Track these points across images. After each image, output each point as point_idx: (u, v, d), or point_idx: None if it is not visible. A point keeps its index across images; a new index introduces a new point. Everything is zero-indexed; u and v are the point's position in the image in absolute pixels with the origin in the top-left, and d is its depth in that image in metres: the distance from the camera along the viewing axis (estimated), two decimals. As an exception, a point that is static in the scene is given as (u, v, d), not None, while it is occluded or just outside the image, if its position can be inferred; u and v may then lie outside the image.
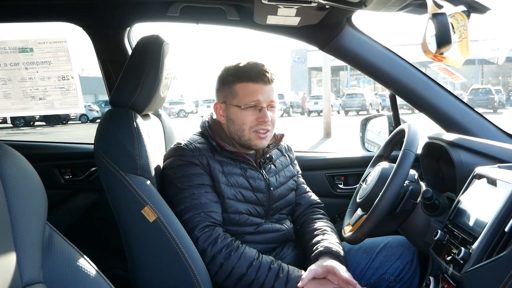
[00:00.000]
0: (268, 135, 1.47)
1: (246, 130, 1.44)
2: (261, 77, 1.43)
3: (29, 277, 0.79)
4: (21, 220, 0.79)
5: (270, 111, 1.45)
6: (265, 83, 1.43)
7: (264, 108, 1.43)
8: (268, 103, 1.44)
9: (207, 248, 1.33)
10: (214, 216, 1.37)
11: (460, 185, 1.28)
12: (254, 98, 1.42)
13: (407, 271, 1.51)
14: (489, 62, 30.99)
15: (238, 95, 1.44)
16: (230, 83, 1.46)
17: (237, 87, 1.44)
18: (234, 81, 1.45)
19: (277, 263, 1.36)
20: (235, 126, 1.46)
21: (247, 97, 1.43)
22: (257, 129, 1.44)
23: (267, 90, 1.44)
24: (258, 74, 1.43)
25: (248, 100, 1.42)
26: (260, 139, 1.45)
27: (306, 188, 1.67)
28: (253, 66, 1.45)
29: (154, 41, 1.44)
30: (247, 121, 1.43)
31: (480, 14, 1.15)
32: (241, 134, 1.45)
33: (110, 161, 1.30)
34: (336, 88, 41.52)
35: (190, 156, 1.41)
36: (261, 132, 1.45)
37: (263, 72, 1.43)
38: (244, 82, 1.43)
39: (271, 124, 1.46)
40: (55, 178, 2.09)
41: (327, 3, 1.33)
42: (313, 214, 1.60)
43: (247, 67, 1.46)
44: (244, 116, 1.43)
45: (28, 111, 1.84)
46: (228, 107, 1.46)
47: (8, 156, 0.81)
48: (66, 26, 1.85)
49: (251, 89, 1.43)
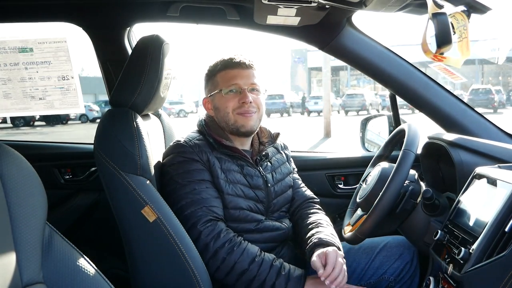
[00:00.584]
0: (254, 116, 1.48)
1: (230, 113, 1.47)
2: (238, 63, 1.48)
3: (29, 277, 0.79)
4: (21, 220, 0.79)
5: (252, 94, 1.48)
6: (242, 68, 1.48)
7: (244, 89, 1.46)
8: (249, 86, 1.47)
9: (210, 243, 1.33)
10: (216, 211, 1.37)
11: (460, 185, 1.28)
12: (233, 81, 1.47)
13: (407, 271, 1.51)
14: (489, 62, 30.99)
15: (219, 83, 1.49)
16: (212, 76, 1.52)
17: (217, 77, 1.50)
18: (215, 73, 1.51)
19: (279, 261, 1.36)
20: (220, 113, 1.49)
21: (227, 82, 1.47)
22: (240, 112, 1.46)
23: (246, 74, 1.48)
24: (235, 61, 1.49)
25: (228, 85, 1.47)
26: (245, 118, 1.47)
27: (300, 183, 1.67)
28: (231, 56, 1.51)
29: (154, 41, 1.44)
30: (229, 104, 1.47)
31: (480, 14, 1.15)
32: (227, 119, 1.47)
33: (110, 161, 1.30)
34: (336, 88, 41.51)
35: (190, 152, 1.42)
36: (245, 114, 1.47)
37: (240, 59, 1.49)
38: (223, 71, 1.49)
39: (255, 106, 1.48)
40: (55, 178, 2.09)
41: (327, 3, 1.33)
42: (308, 209, 1.59)
43: (225, 58, 1.51)
44: (226, 100, 1.47)
45: (28, 111, 1.84)
46: (213, 98, 1.51)
47: (8, 156, 0.81)
48: (66, 26, 1.86)
49: (229, 74, 1.48)
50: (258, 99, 1.49)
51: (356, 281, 1.53)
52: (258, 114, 1.50)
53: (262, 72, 1.60)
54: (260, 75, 1.53)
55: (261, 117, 1.53)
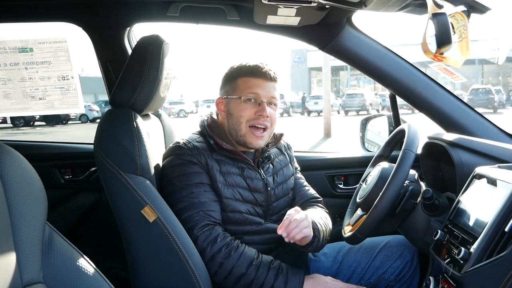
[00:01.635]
0: (265, 135, 1.46)
1: (243, 124, 1.44)
2: (263, 72, 1.45)
3: (29, 277, 0.79)
4: (21, 220, 0.79)
5: (270, 107, 1.45)
6: (266, 79, 1.45)
7: (263, 102, 1.44)
8: (268, 99, 1.45)
9: (207, 248, 1.33)
10: (213, 215, 1.37)
11: (460, 185, 1.28)
12: (253, 90, 1.44)
13: (407, 271, 1.51)
14: (489, 62, 31.00)
15: (239, 88, 1.46)
16: (233, 78, 1.48)
17: (238, 81, 1.47)
18: (236, 77, 1.48)
19: (276, 262, 1.36)
20: (233, 120, 1.46)
21: (247, 90, 1.44)
22: (254, 123, 1.44)
23: (268, 86, 1.45)
24: (260, 70, 1.46)
25: (248, 92, 1.44)
26: (256, 138, 1.45)
27: (303, 183, 1.64)
28: (256, 64, 1.48)
29: (154, 41, 1.44)
30: (244, 114, 1.44)
31: (480, 14, 1.15)
32: (237, 127, 1.45)
33: (110, 161, 1.31)
34: (336, 88, 41.50)
35: (188, 155, 1.41)
36: (258, 128, 1.44)
37: (265, 69, 1.46)
38: (245, 77, 1.46)
39: (269, 121, 1.46)
40: (55, 178, 2.09)
41: (327, 3, 1.33)
42: (309, 207, 1.57)
43: (250, 64, 1.48)
44: (242, 108, 1.44)
45: (28, 111, 1.84)
46: (229, 101, 1.48)
47: (8, 156, 0.81)
48: (66, 26, 1.86)
49: (251, 82, 1.45)
50: (274, 114, 1.47)
51: (356, 280, 1.53)
52: (270, 131, 1.48)
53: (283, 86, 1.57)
54: (281, 90, 1.51)
55: (271, 134, 1.51)
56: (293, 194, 1.60)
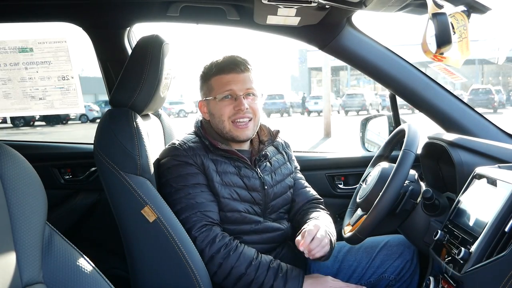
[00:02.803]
0: (249, 125, 1.46)
1: (226, 121, 1.45)
2: (233, 67, 1.45)
3: (29, 277, 0.79)
4: (21, 220, 0.79)
5: (248, 99, 1.45)
6: (238, 72, 1.45)
7: (239, 96, 1.44)
8: (244, 91, 1.45)
9: (205, 248, 1.33)
10: (211, 216, 1.37)
11: (460, 185, 1.28)
12: (227, 87, 1.44)
13: (407, 270, 1.51)
14: (489, 62, 31.01)
15: (214, 89, 1.46)
16: (207, 79, 1.49)
17: (212, 81, 1.47)
18: (210, 77, 1.48)
19: (276, 262, 1.36)
20: (215, 120, 1.47)
21: (221, 88, 1.45)
22: (235, 119, 1.44)
23: (242, 79, 1.45)
24: (230, 65, 1.45)
25: (222, 91, 1.44)
26: (240, 129, 1.45)
27: (303, 183, 1.63)
28: (226, 59, 1.48)
29: (154, 41, 1.44)
30: (224, 112, 1.44)
31: (480, 14, 1.15)
32: (221, 126, 1.46)
33: (110, 161, 1.30)
34: (336, 88, 41.50)
35: (184, 156, 1.41)
36: (240, 122, 1.44)
37: (235, 62, 1.46)
38: (217, 75, 1.46)
39: (251, 112, 1.45)
40: (55, 178, 2.09)
41: (327, 3, 1.33)
42: (310, 209, 1.57)
43: (220, 60, 1.48)
44: (220, 107, 1.45)
45: (28, 111, 1.84)
46: (208, 102, 1.49)
47: (8, 156, 0.81)
48: (66, 26, 1.86)
49: (224, 80, 1.45)
50: (254, 104, 1.47)
51: (357, 280, 1.53)
52: (254, 121, 1.48)
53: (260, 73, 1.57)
54: (257, 77, 1.50)
55: (257, 123, 1.50)
56: (294, 195, 1.60)
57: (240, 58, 1.48)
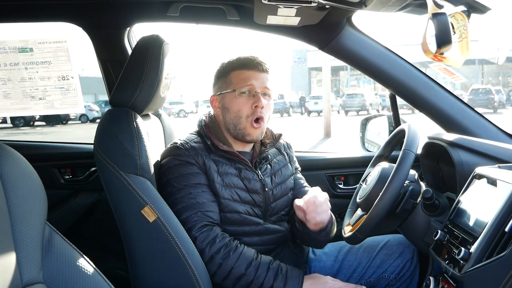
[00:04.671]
0: (262, 126, 1.46)
1: (243, 118, 1.44)
2: (255, 64, 1.45)
3: (29, 277, 0.79)
4: (21, 220, 0.79)
5: (264, 98, 1.45)
6: (259, 70, 1.45)
7: (258, 93, 1.43)
8: (262, 90, 1.45)
9: (205, 248, 1.33)
10: (212, 216, 1.37)
11: (460, 185, 1.28)
12: (247, 82, 1.43)
13: (407, 269, 1.51)
14: (489, 62, 31.01)
15: (233, 82, 1.46)
16: (225, 74, 1.48)
17: (231, 75, 1.46)
18: (229, 71, 1.47)
19: (276, 262, 1.36)
20: (230, 115, 1.46)
21: (241, 83, 1.44)
22: (253, 118, 1.43)
23: (261, 77, 1.45)
24: (252, 62, 1.46)
25: (242, 85, 1.44)
26: (255, 129, 1.44)
27: (303, 183, 1.63)
28: (248, 57, 1.48)
29: (154, 41, 1.44)
30: (243, 109, 1.43)
31: (480, 14, 1.15)
32: (237, 122, 1.45)
33: (110, 161, 1.30)
34: (336, 88, 41.53)
35: (186, 155, 1.41)
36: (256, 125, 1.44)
37: (257, 61, 1.46)
38: (238, 70, 1.46)
39: (265, 111, 1.45)
40: (55, 178, 2.09)
41: (327, 3, 1.33)
42: None
43: (241, 57, 1.48)
44: (238, 103, 1.44)
45: (28, 111, 1.84)
46: (223, 96, 1.47)
47: (8, 156, 0.81)
48: (66, 26, 1.86)
49: (245, 75, 1.45)
50: (268, 105, 1.47)
51: (357, 279, 1.53)
52: (266, 121, 1.48)
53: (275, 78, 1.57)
54: (273, 82, 1.50)
55: (266, 125, 1.50)
56: (293, 195, 1.59)
57: (261, 59, 1.48)
